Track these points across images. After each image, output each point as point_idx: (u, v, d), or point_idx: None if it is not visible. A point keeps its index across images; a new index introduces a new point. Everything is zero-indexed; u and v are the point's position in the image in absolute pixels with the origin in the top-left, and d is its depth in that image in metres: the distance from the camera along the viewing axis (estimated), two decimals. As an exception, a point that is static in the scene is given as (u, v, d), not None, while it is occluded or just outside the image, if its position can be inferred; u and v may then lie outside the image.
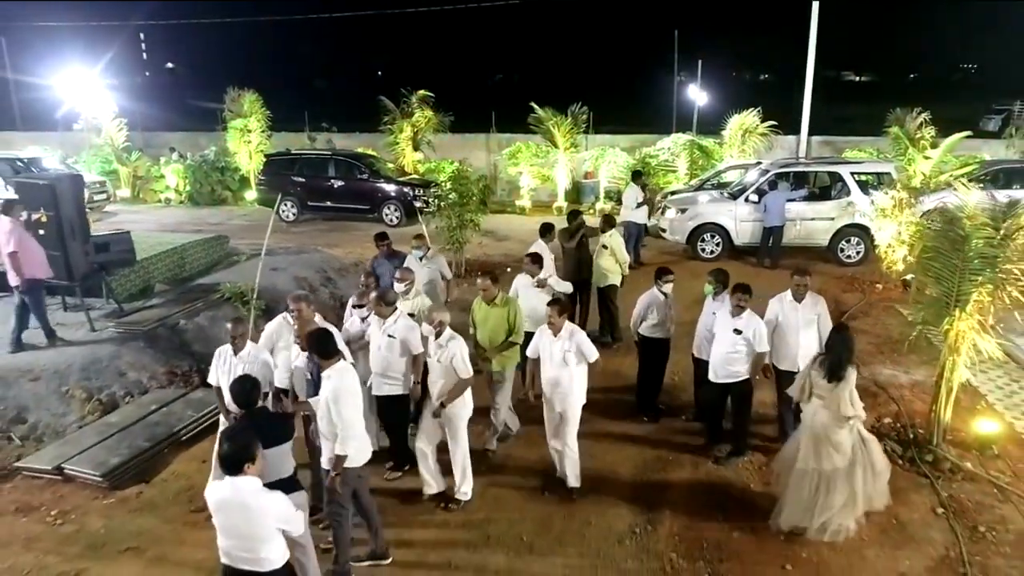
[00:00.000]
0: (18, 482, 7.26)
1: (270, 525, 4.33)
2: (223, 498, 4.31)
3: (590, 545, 6.22)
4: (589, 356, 6.78)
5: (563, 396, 6.79)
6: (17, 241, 9.12)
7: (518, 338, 7.50)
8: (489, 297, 7.52)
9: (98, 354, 9.37)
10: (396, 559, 6.01)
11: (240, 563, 4.39)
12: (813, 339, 7.44)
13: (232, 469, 4.26)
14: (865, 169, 15.66)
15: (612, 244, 10.67)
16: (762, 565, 5.96)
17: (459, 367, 6.55)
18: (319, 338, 5.70)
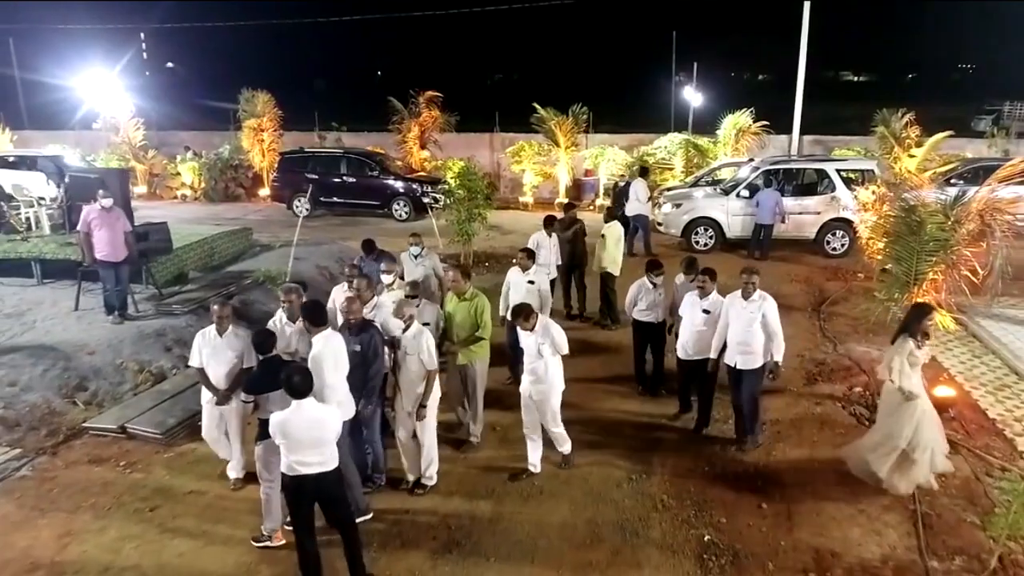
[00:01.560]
0: (86, 439, 8.21)
1: (334, 430, 5.55)
2: (295, 419, 5.40)
3: (592, 488, 7.18)
4: (560, 348, 7.14)
5: (540, 386, 7.15)
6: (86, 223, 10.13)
7: (485, 333, 7.74)
8: (459, 291, 7.78)
9: (145, 332, 10.35)
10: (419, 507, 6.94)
11: (310, 468, 5.45)
12: (754, 336, 7.61)
13: (301, 395, 5.41)
14: (850, 166, 16.61)
15: (609, 234, 11.55)
16: (740, 505, 6.91)
17: (424, 359, 6.85)
18: (311, 308, 6.59)
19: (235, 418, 7.19)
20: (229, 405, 7.09)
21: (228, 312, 7.18)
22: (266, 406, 6.17)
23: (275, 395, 6.03)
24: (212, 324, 7.16)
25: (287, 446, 5.48)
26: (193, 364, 7.21)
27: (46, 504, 6.96)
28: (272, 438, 5.78)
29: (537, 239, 11.22)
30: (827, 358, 10.40)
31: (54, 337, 10.01)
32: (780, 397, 9.18)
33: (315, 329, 6.37)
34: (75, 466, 7.66)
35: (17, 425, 8.19)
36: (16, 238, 13.09)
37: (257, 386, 6.36)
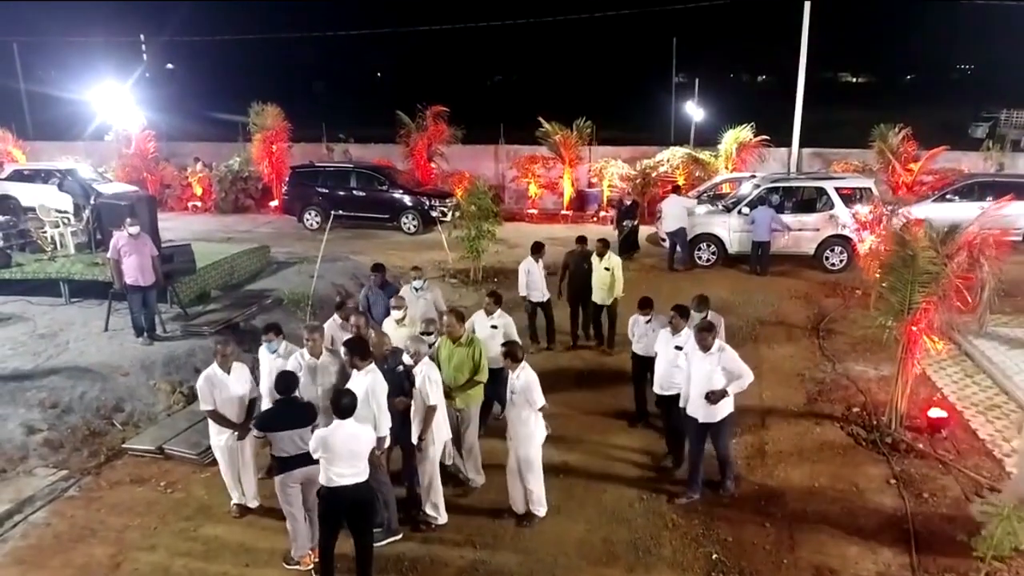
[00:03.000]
0: (126, 460, 8.68)
1: (367, 446, 6.24)
2: (336, 435, 6.06)
3: (606, 507, 7.66)
4: (534, 402, 7.07)
5: (521, 436, 7.19)
6: (116, 250, 10.62)
7: (482, 377, 7.76)
8: (454, 335, 7.76)
9: (175, 352, 10.84)
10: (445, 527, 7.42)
11: (346, 479, 6.10)
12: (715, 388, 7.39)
13: (346, 415, 6.12)
14: (848, 184, 17.07)
15: (613, 265, 11.68)
16: (745, 524, 7.39)
17: (426, 394, 7.07)
18: (356, 344, 7.09)
19: (248, 447, 7.55)
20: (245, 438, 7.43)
21: (232, 349, 7.47)
22: (278, 444, 6.56)
23: (285, 435, 6.52)
24: (215, 363, 7.33)
25: (327, 459, 6.08)
26: (206, 408, 7.29)
27: (96, 524, 7.43)
28: (287, 473, 6.53)
29: (527, 266, 11.85)
30: (826, 377, 10.88)
31: (88, 358, 10.48)
32: (781, 417, 9.67)
33: (361, 364, 6.84)
34: (119, 486, 8.13)
35: (61, 446, 8.67)
36: (43, 257, 13.57)
37: (271, 425, 6.65)
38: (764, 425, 9.45)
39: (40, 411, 9.09)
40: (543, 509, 7.44)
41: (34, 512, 7.56)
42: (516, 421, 7.24)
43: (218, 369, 7.29)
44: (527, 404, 7.12)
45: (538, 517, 7.40)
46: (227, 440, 7.35)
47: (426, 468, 7.34)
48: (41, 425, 8.85)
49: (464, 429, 7.92)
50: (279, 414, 6.69)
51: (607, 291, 11.68)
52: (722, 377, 7.37)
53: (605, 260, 11.68)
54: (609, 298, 11.72)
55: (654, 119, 39.79)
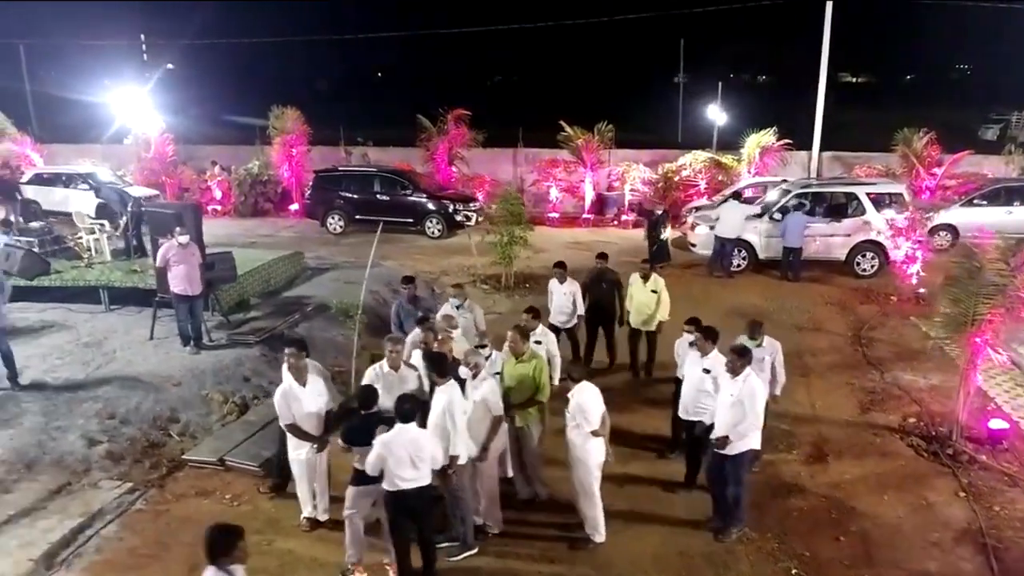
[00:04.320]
0: (187, 472, 8.64)
1: (428, 451, 6.33)
2: (398, 439, 6.18)
3: (678, 520, 7.64)
4: (586, 424, 6.96)
5: (574, 459, 7.16)
6: (164, 259, 10.61)
7: (543, 396, 7.64)
8: (516, 352, 7.68)
9: (223, 362, 10.81)
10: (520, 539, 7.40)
11: (408, 483, 6.22)
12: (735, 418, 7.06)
13: (407, 419, 6.25)
14: (879, 190, 17.05)
15: (659, 288, 10.84)
16: (818, 538, 7.38)
17: (491, 405, 7.09)
18: (435, 360, 7.12)
19: (325, 460, 7.51)
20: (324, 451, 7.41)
21: (305, 363, 7.39)
22: (360, 457, 6.55)
23: (366, 449, 6.43)
24: (289, 377, 7.26)
25: (392, 462, 6.18)
26: (285, 423, 7.22)
27: (167, 537, 7.41)
28: (364, 486, 6.53)
29: (551, 287, 11.19)
30: (876, 387, 10.86)
31: (137, 368, 10.46)
32: (837, 427, 9.66)
33: (440, 380, 6.82)
34: (184, 499, 8.10)
35: (122, 458, 8.63)
36: (80, 264, 13.55)
37: (356, 438, 6.60)
38: (821, 435, 9.43)
39: (98, 422, 9.06)
40: (600, 536, 7.27)
41: (105, 526, 7.51)
42: (570, 443, 7.19)
43: (294, 383, 7.25)
44: (580, 425, 7.05)
45: (594, 542, 7.26)
46: (306, 454, 7.31)
47: (484, 480, 7.36)
48: (101, 437, 8.82)
49: (524, 450, 7.85)
50: (361, 428, 6.62)
51: (651, 315, 10.81)
52: (743, 411, 6.99)
53: (651, 283, 10.82)
54: (653, 323, 10.86)
55: (659, 121, 39.71)
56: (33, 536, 7.21)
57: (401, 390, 7.32)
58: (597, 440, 7.07)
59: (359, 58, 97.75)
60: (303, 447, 7.33)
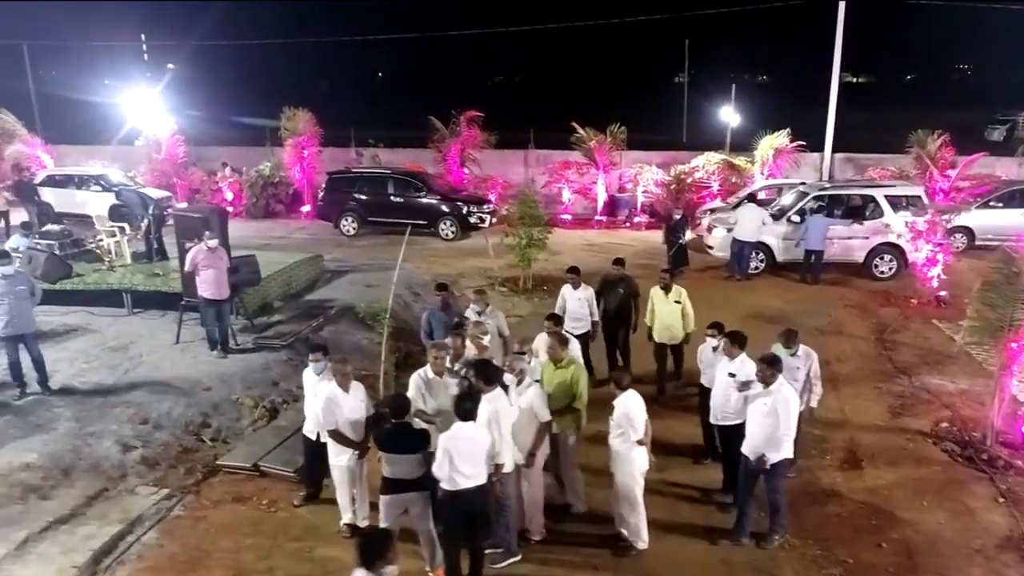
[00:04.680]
0: (222, 477, 8.62)
1: (485, 449, 6.42)
2: (459, 435, 6.29)
3: (717, 527, 7.62)
4: (632, 432, 6.97)
5: (618, 467, 7.15)
6: (193, 263, 10.59)
7: (579, 403, 7.56)
8: (555, 358, 7.67)
9: (251, 366, 10.80)
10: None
11: (468, 481, 6.29)
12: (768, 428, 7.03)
13: (467, 418, 6.38)
14: (897, 192, 17.04)
15: (682, 299, 10.48)
16: (860, 544, 7.37)
17: (538, 411, 7.09)
18: (483, 367, 7.11)
19: (365, 467, 7.49)
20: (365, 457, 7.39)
21: (350, 369, 7.47)
22: (388, 465, 6.57)
23: (397, 458, 6.53)
24: (333, 383, 7.27)
25: (452, 460, 6.22)
26: (329, 428, 7.18)
27: (207, 544, 7.38)
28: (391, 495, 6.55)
29: (563, 292, 10.86)
30: (904, 391, 10.85)
31: (165, 372, 10.44)
32: (869, 432, 9.65)
33: (487, 388, 6.81)
34: (221, 505, 8.08)
35: (157, 464, 8.61)
36: (102, 267, 13.51)
37: (390, 447, 6.59)
38: (854, 440, 9.43)
39: (131, 427, 9.06)
40: (643, 543, 7.24)
41: (145, 533, 7.49)
42: (615, 452, 7.17)
43: (337, 388, 7.24)
44: (625, 433, 7.03)
45: (636, 549, 7.24)
46: (348, 460, 7.29)
47: (529, 486, 7.31)
48: (135, 442, 8.81)
49: (562, 456, 7.80)
50: (393, 436, 6.65)
51: (677, 328, 10.42)
52: (776, 420, 6.93)
53: (673, 294, 10.43)
54: (679, 335, 10.47)
55: (662, 121, 39.60)
56: (74, 543, 7.18)
57: (446, 396, 7.32)
58: (641, 448, 7.07)
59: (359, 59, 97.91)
60: (344, 453, 7.30)
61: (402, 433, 6.64)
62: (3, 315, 9.30)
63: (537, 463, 7.25)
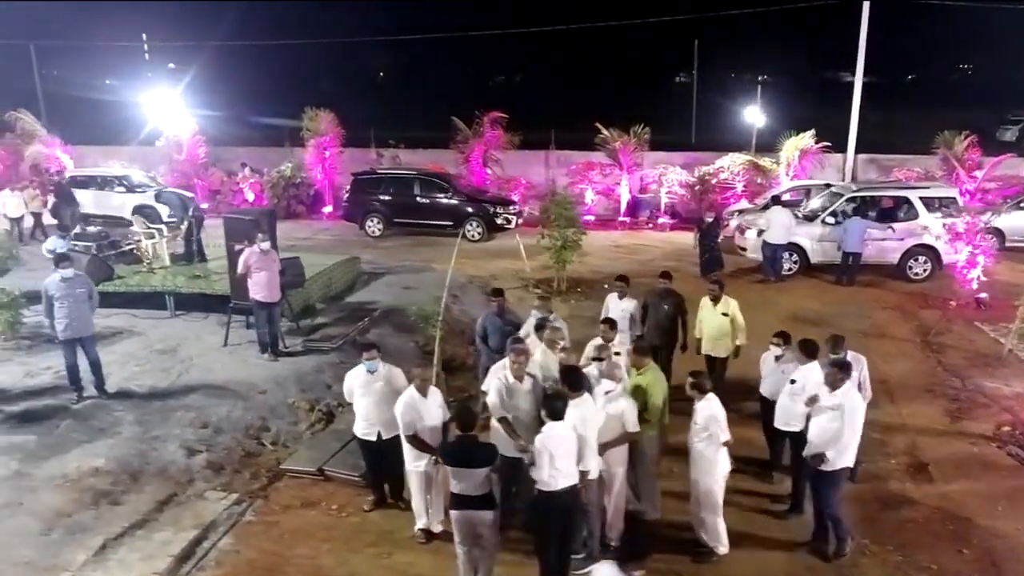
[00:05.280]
0: (287, 482, 8.56)
1: (575, 448, 6.39)
2: (553, 435, 6.25)
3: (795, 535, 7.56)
4: (717, 436, 6.94)
5: (701, 470, 7.11)
6: (246, 266, 10.56)
7: (649, 415, 7.42)
8: (637, 365, 7.68)
9: (303, 369, 10.75)
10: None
11: (563, 480, 6.25)
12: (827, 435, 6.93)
13: (559, 418, 6.32)
14: (932, 193, 16.99)
15: (732, 310, 10.03)
16: (941, 550, 7.32)
17: (627, 421, 7.06)
18: (570, 373, 7.06)
19: (442, 472, 7.28)
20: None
21: (430, 374, 7.52)
22: (454, 480, 6.41)
23: (464, 472, 6.32)
24: (411, 388, 7.24)
25: (548, 459, 6.16)
26: (408, 433, 7.15)
27: (284, 549, 7.33)
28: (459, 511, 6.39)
29: (608, 303, 10.49)
30: (959, 394, 10.79)
31: (219, 376, 10.39)
32: (930, 436, 9.60)
33: (574, 394, 6.75)
34: (290, 510, 8.02)
35: (222, 468, 8.56)
36: (142, 269, 13.47)
37: (455, 460, 6.43)
38: (916, 444, 9.38)
39: (192, 431, 9.02)
40: (723, 548, 7.20)
41: (220, 539, 7.44)
42: (698, 455, 7.12)
43: (416, 393, 7.20)
44: (710, 437, 6.99)
45: (717, 555, 7.19)
46: (425, 465, 7.24)
47: (613, 493, 7.30)
48: (199, 446, 8.77)
49: (637, 458, 7.68)
50: (460, 449, 6.49)
51: (727, 340, 9.96)
52: (841, 425, 6.82)
53: (722, 305, 9.98)
54: (729, 348, 10.01)
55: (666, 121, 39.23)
56: (152, 549, 7.14)
57: (526, 400, 7.28)
58: (724, 450, 7.03)
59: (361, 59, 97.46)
60: (422, 459, 7.25)
61: (469, 446, 6.49)
62: (63, 317, 9.28)
63: (620, 469, 7.22)
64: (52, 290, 9.30)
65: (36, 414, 9.22)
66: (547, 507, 6.34)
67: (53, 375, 10.30)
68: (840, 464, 6.97)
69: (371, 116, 26.39)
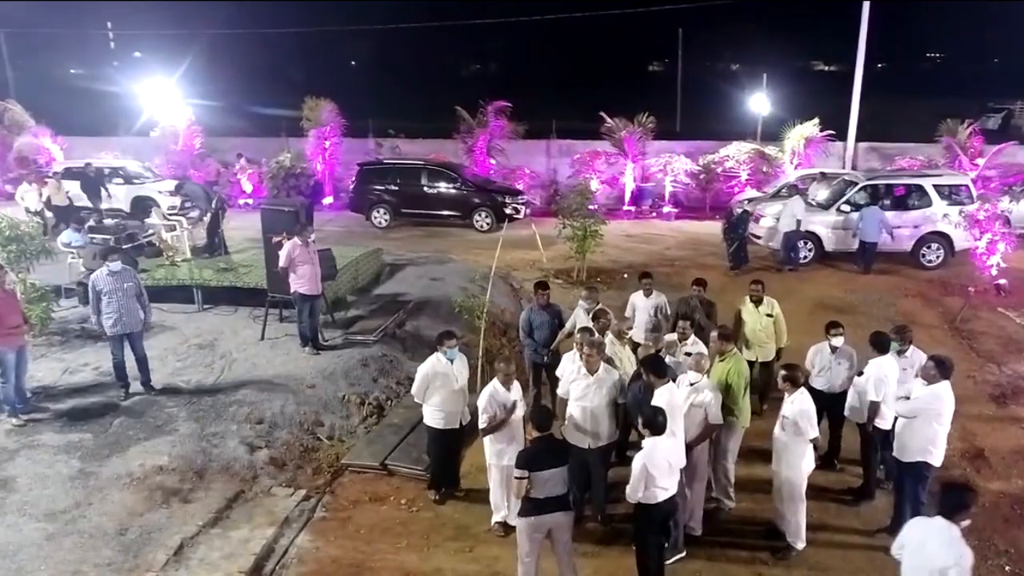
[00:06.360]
0: (350, 476, 8.47)
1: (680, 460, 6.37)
2: (657, 450, 6.08)
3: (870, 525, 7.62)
4: (805, 431, 6.88)
5: (787, 463, 7.05)
6: (289, 259, 10.40)
7: (729, 402, 7.42)
8: (722, 351, 7.75)
9: (349, 362, 10.61)
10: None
11: (665, 493, 6.16)
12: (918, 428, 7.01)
13: (661, 432, 6.16)
14: (945, 181, 17.17)
15: (775, 312, 9.69)
16: (1016, 534, 7.42)
17: (711, 414, 7.09)
18: (655, 362, 7.10)
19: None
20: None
21: (514, 369, 7.41)
22: (537, 484, 6.12)
23: (545, 474, 6.10)
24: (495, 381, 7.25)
25: (651, 477, 6.06)
26: (490, 425, 7.13)
27: (363, 545, 7.25)
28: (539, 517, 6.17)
29: (633, 301, 10.14)
30: (999, 380, 10.93)
31: (264, 370, 10.23)
32: (980, 422, 9.69)
33: (659, 381, 6.73)
34: (360, 505, 7.93)
35: (285, 464, 8.44)
36: (165, 263, 13.21)
37: (534, 463, 6.17)
38: (967, 429, 9.45)
39: (249, 427, 8.88)
40: (801, 542, 7.17)
41: (296, 536, 7.34)
42: (783, 447, 7.09)
43: (500, 386, 7.17)
44: (797, 432, 6.95)
45: (796, 550, 7.16)
46: (508, 459, 7.15)
47: (695, 483, 7.28)
48: (258, 442, 8.65)
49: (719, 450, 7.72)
50: (541, 452, 6.30)
51: (770, 344, 9.59)
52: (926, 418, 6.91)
53: (765, 306, 9.61)
54: (771, 352, 9.63)
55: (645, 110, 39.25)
56: (232, 547, 7.02)
57: (599, 393, 7.23)
58: (810, 446, 7.04)
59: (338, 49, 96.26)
60: (505, 454, 7.17)
61: (549, 447, 6.35)
62: (113, 312, 9.07)
63: (703, 460, 7.22)
64: (100, 284, 9.08)
65: (85, 412, 9.03)
66: (647, 520, 6.26)
67: (93, 371, 10.12)
68: (922, 457, 6.99)
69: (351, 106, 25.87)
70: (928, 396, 6.94)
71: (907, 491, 7.19)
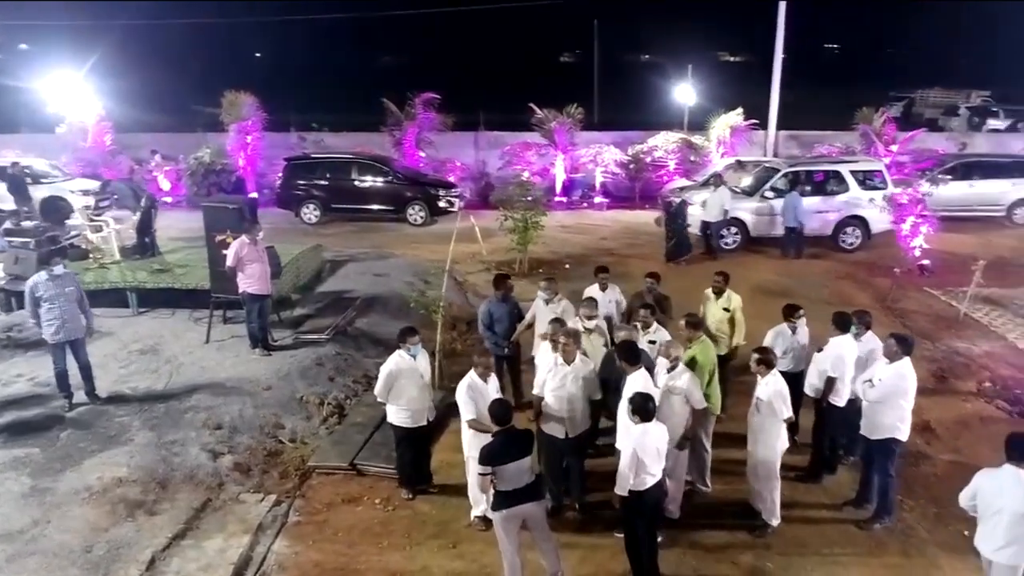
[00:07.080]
0: (319, 479, 8.23)
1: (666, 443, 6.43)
2: (646, 437, 6.19)
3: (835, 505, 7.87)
4: (779, 412, 7.04)
5: (763, 444, 7.19)
6: (237, 258, 10.01)
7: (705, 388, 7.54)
8: (691, 338, 7.78)
9: (303, 362, 10.35)
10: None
11: (654, 478, 6.27)
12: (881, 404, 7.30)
13: (648, 418, 6.20)
14: (861, 167, 17.91)
15: (734, 306, 9.39)
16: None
17: (694, 399, 7.16)
18: (628, 348, 7.14)
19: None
20: None
21: (491, 362, 7.40)
22: (503, 477, 6.14)
23: (511, 467, 6.11)
24: (472, 373, 7.18)
25: (640, 462, 6.13)
26: (469, 417, 7.06)
27: (344, 548, 7.07)
28: (510, 508, 6.17)
29: (589, 293, 9.66)
30: (934, 355, 11.44)
31: (215, 373, 9.88)
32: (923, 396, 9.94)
33: (631, 368, 6.79)
34: (335, 507, 7.73)
35: (250, 469, 8.16)
36: (93, 265, 12.58)
37: (495, 458, 6.16)
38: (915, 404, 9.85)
39: (208, 433, 8.55)
40: (776, 519, 7.37)
41: (273, 542, 7.11)
42: (759, 428, 7.24)
43: (479, 379, 7.12)
44: (772, 413, 7.11)
45: (771, 527, 7.35)
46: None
47: (676, 468, 7.33)
48: (220, 448, 8.33)
49: (696, 434, 7.74)
50: (502, 445, 6.25)
51: (722, 339, 9.20)
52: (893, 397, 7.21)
53: (723, 299, 9.34)
54: (728, 347, 9.28)
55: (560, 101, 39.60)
56: (208, 558, 6.75)
57: (577, 383, 7.24)
58: (784, 426, 7.21)
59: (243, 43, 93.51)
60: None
61: (511, 439, 6.29)
62: (54, 319, 8.58)
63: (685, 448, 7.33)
64: (40, 290, 8.57)
65: (27, 425, 8.53)
66: (637, 507, 6.31)
67: (28, 382, 9.59)
68: (889, 434, 7.26)
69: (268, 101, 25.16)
70: (893, 377, 7.20)
71: (876, 466, 7.45)
